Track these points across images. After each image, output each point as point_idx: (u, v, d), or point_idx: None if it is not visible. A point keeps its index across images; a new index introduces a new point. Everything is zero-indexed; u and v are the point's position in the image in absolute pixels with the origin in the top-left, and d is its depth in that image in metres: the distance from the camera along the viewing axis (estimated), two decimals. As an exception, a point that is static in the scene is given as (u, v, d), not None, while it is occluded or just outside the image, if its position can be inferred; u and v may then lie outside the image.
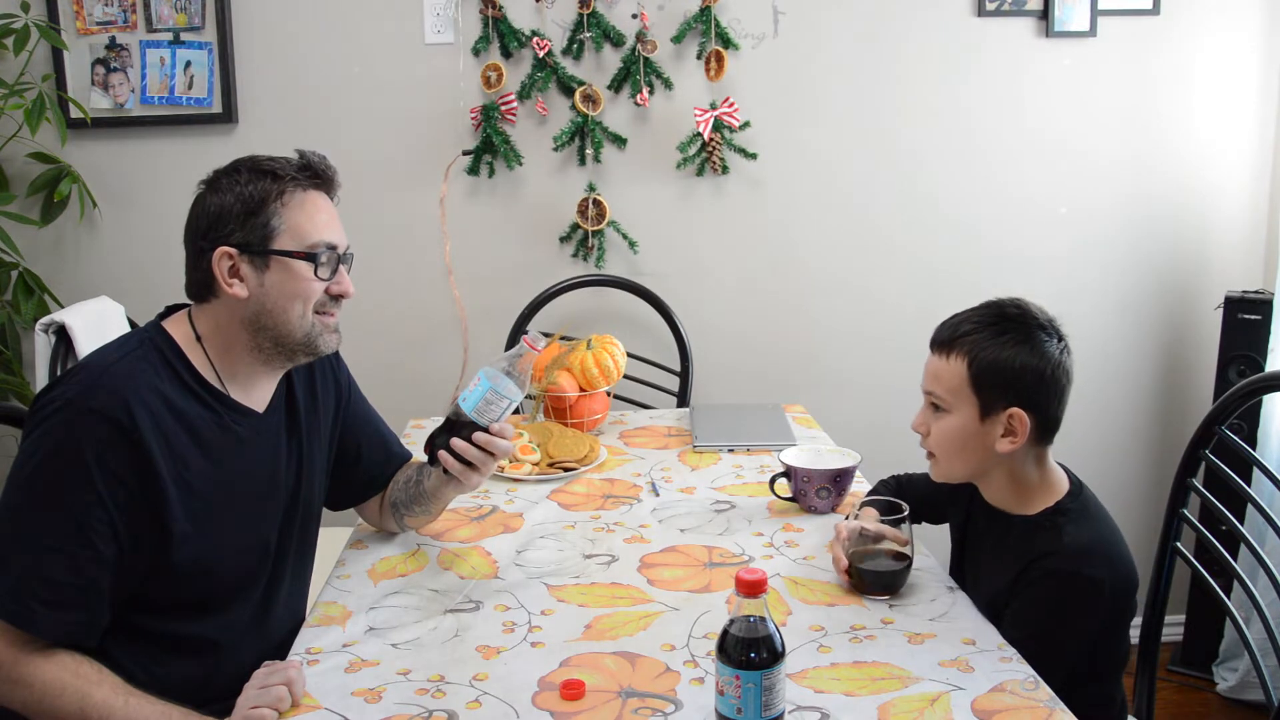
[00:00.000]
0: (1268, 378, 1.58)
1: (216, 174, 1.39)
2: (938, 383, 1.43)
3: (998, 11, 2.65)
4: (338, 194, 1.46)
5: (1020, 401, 1.38)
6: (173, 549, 1.31)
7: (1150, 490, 2.87)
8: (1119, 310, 2.82)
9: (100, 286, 2.49)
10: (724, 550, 1.62)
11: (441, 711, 1.19)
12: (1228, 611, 1.52)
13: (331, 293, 1.41)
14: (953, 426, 1.42)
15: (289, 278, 1.37)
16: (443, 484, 1.55)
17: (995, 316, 1.42)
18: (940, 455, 1.46)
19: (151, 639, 1.36)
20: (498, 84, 2.59)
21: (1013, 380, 1.38)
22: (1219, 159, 2.76)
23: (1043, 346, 1.40)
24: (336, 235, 1.41)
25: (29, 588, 1.24)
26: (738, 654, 1.09)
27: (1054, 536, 1.37)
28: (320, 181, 1.42)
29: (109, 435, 1.25)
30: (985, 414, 1.40)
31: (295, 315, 1.38)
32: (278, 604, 1.49)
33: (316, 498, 1.57)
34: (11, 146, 2.50)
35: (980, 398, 1.40)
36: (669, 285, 2.68)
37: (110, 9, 2.54)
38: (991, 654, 1.29)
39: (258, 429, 1.44)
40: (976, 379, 1.39)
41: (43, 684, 1.23)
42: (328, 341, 1.43)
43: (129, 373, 1.31)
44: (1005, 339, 1.39)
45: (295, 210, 1.37)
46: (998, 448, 1.40)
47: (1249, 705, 2.65)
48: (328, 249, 1.39)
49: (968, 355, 1.40)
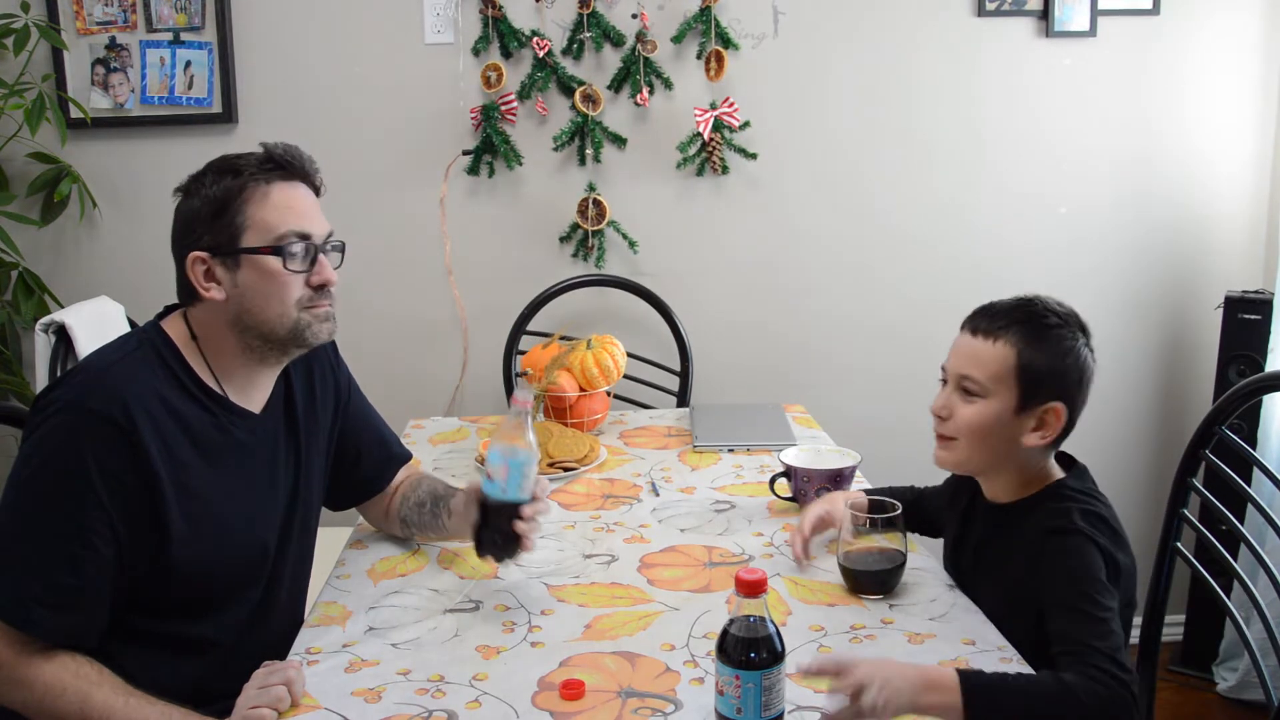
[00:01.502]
0: (1268, 378, 1.58)
1: (190, 178, 1.38)
2: (977, 366, 1.38)
3: (998, 11, 2.65)
4: (317, 181, 1.42)
5: (1061, 397, 1.37)
6: (171, 550, 1.31)
7: (1150, 490, 2.87)
8: (1119, 310, 2.82)
9: (100, 286, 2.49)
10: (724, 550, 1.62)
11: (441, 711, 1.19)
12: (1228, 611, 1.52)
13: (311, 284, 1.38)
14: (985, 413, 1.38)
15: (261, 275, 1.35)
16: (464, 527, 1.51)
17: (1044, 310, 1.40)
18: (962, 440, 1.41)
19: (151, 640, 1.36)
20: (498, 84, 2.60)
21: (1060, 375, 1.37)
22: (1219, 159, 2.76)
23: (1082, 350, 1.40)
24: (308, 223, 1.37)
25: (29, 590, 1.24)
26: (738, 654, 1.09)
27: (1060, 508, 1.35)
28: (285, 171, 1.38)
29: (108, 436, 1.25)
30: (1024, 405, 1.37)
31: (275, 313, 1.36)
32: (277, 605, 1.49)
33: (315, 498, 1.57)
34: (11, 146, 2.50)
35: (1023, 387, 1.37)
36: (669, 285, 2.68)
37: (110, 9, 2.54)
38: (991, 654, 1.29)
39: (255, 430, 1.43)
40: (1024, 369, 1.37)
41: (43, 685, 1.23)
42: (318, 332, 1.40)
43: (128, 374, 1.31)
44: (1054, 333, 1.38)
45: (258, 205, 1.34)
46: (1025, 440, 1.38)
47: (1249, 705, 2.65)
48: (298, 239, 1.36)
49: (1017, 343, 1.37)
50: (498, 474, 1.39)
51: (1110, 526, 1.35)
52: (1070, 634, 1.20)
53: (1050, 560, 1.30)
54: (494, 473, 1.39)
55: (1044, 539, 1.33)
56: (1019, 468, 1.43)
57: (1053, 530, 1.32)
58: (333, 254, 1.43)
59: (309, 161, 1.41)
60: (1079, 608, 1.22)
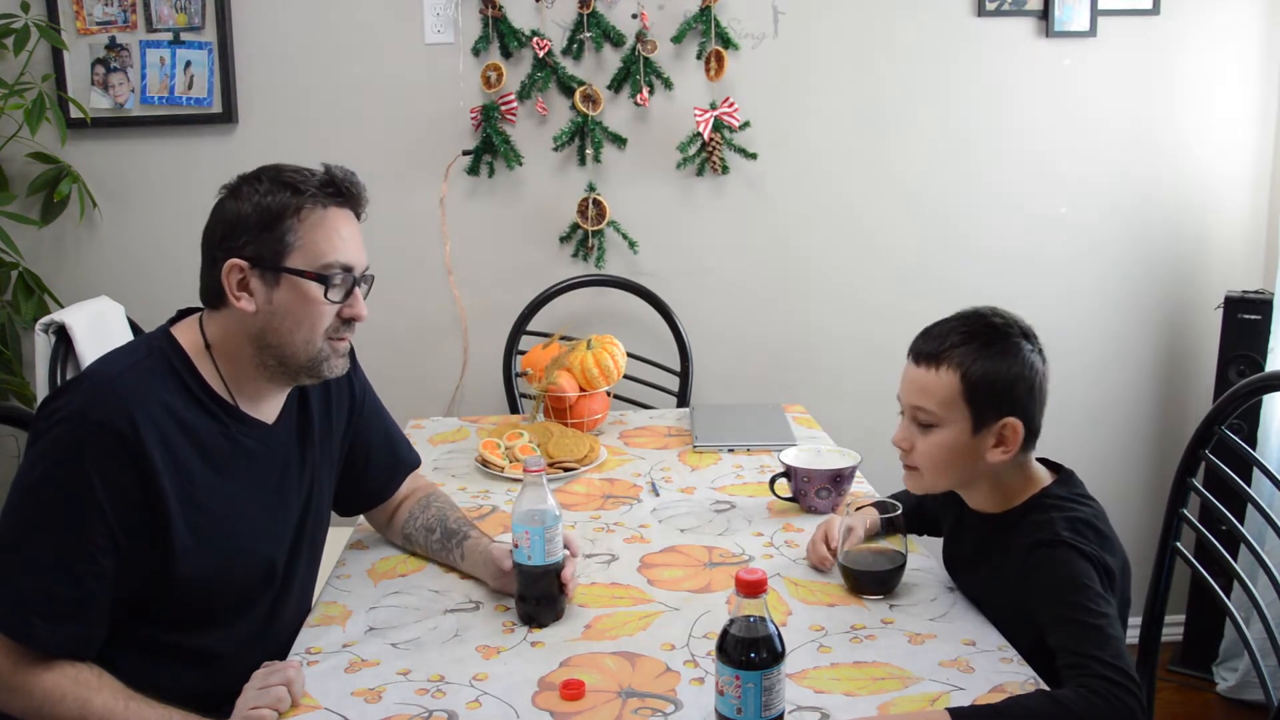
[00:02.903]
0: (1268, 378, 1.58)
1: (240, 180, 1.34)
2: (925, 396, 1.38)
3: (998, 11, 2.65)
4: (364, 211, 1.40)
5: (1014, 411, 1.36)
6: (175, 563, 1.29)
7: (1150, 490, 2.87)
8: (1119, 310, 2.82)
9: (100, 286, 2.49)
10: (724, 550, 1.62)
11: (441, 711, 1.19)
12: (1228, 611, 1.52)
13: (343, 316, 1.37)
14: (943, 442, 1.38)
15: (298, 298, 1.32)
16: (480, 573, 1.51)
17: (982, 326, 1.39)
18: (927, 469, 1.41)
19: (154, 648, 1.35)
20: (498, 84, 2.59)
21: (1006, 391, 1.36)
22: (1219, 159, 2.76)
23: (1029, 356, 1.38)
24: (354, 256, 1.36)
25: (29, 601, 1.23)
26: (738, 654, 1.09)
27: (1044, 519, 1.34)
28: (343, 199, 1.36)
29: (111, 447, 1.23)
30: (978, 426, 1.37)
31: (301, 338, 1.34)
32: (283, 616, 1.47)
33: (326, 511, 1.55)
34: (11, 146, 2.50)
35: (974, 410, 1.36)
36: (669, 285, 2.68)
37: (110, 9, 2.54)
38: (992, 654, 1.29)
39: (266, 441, 1.41)
40: (971, 391, 1.36)
41: (42, 691, 1.22)
42: (334, 366, 1.38)
43: (134, 384, 1.28)
44: (995, 349, 1.37)
45: (313, 228, 1.32)
46: (989, 458, 1.38)
47: (1249, 705, 2.65)
48: (343, 271, 1.34)
49: (960, 366, 1.36)
50: (522, 542, 1.37)
51: (1096, 530, 1.33)
52: (1069, 646, 1.19)
53: (1039, 575, 1.29)
54: (519, 541, 1.38)
55: (1029, 553, 1.31)
56: (993, 481, 1.42)
57: (1037, 544, 1.31)
58: (365, 287, 1.41)
59: (364, 190, 1.39)
60: (1073, 618, 1.21)
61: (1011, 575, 1.34)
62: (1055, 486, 1.40)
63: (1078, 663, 1.16)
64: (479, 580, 1.52)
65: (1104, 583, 1.26)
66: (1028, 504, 1.39)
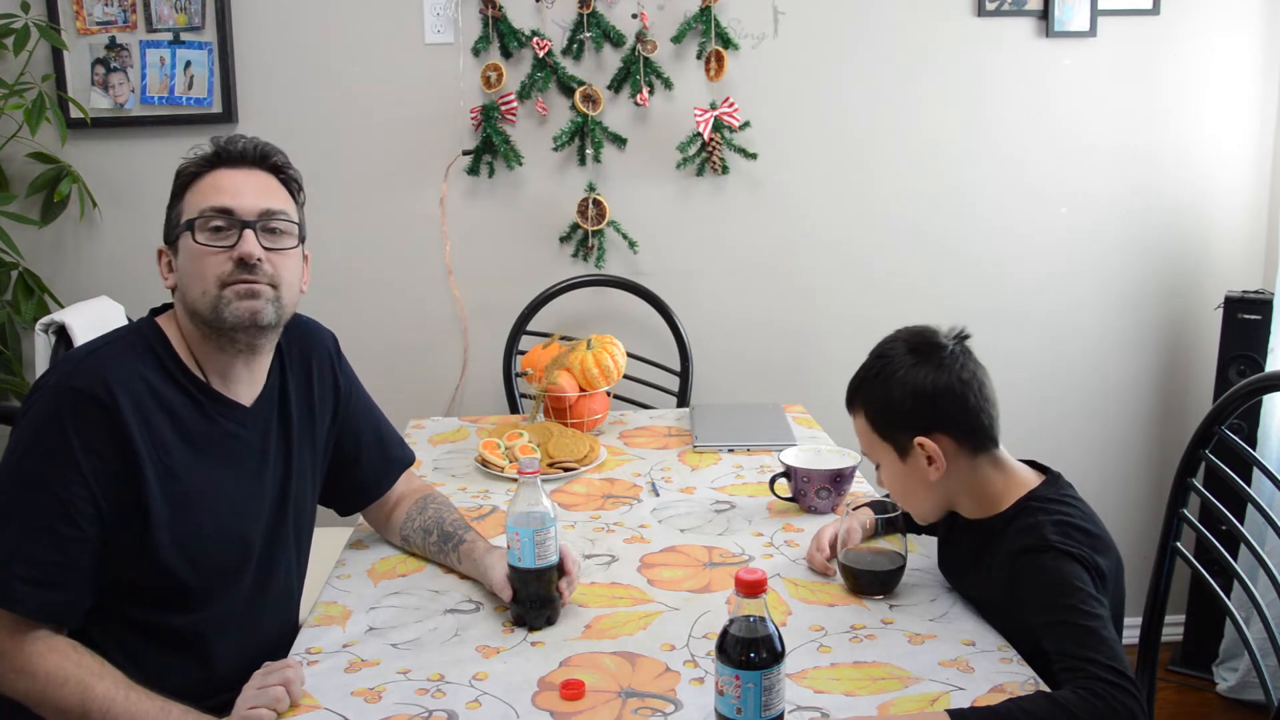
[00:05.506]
0: (1268, 378, 1.57)
1: None
2: (860, 442, 1.46)
3: (998, 11, 2.65)
4: (274, 162, 1.42)
5: (922, 428, 1.36)
6: (153, 531, 1.31)
7: (1150, 490, 2.87)
8: (1119, 310, 2.82)
9: (100, 286, 2.49)
10: (724, 550, 1.62)
11: (441, 711, 1.19)
12: (1228, 611, 1.52)
13: (232, 258, 1.35)
14: (890, 477, 1.44)
15: (187, 255, 1.37)
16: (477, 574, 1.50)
17: (873, 359, 1.44)
18: (900, 503, 1.46)
19: (139, 631, 1.35)
20: (498, 84, 2.60)
21: (903, 413, 1.37)
22: (1219, 159, 2.76)
23: (920, 368, 1.37)
24: (231, 199, 1.36)
25: (11, 565, 1.24)
26: (737, 654, 1.09)
27: (1031, 524, 1.33)
28: (223, 159, 1.40)
29: (89, 412, 1.27)
30: (902, 454, 1.40)
31: (198, 290, 1.35)
32: (267, 602, 1.47)
33: (309, 497, 1.56)
34: (11, 146, 2.50)
35: (890, 441, 1.40)
36: (669, 285, 2.68)
37: (110, 9, 2.54)
38: (991, 654, 1.29)
39: (245, 423, 1.43)
40: (876, 426, 1.41)
41: (45, 674, 1.23)
42: (236, 310, 1.34)
43: (111, 355, 1.34)
44: (881, 378, 1.40)
45: (195, 192, 1.38)
46: (930, 478, 1.38)
47: (1249, 705, 2.65)
48: (216, 214, 1.35)
49: (862, 407, 1.43)
50: (514, 544, 1.38)
51: (1085, 531, 1.32)
52: (1064, 650, 1.18)
53: (1029, 581, 1.28)
54: (512, 542, 1.38)
55: (1017, 559, 1.30)
56: (970, 490, 1.41)
57: (1024, 550, 1.30)
58: (276, 235, 1.39)
59: (260, 146, 1.41)
60: (1066, 621, 1.21)
61: (1001, 580, 1.33)
62: (1042, 489, 1.39)
63: (1075, 666, 1.16)
64: (479, 581, 1.52)
65: (1096, 583, 1.26)
66: (1015, 508, 1.38)
